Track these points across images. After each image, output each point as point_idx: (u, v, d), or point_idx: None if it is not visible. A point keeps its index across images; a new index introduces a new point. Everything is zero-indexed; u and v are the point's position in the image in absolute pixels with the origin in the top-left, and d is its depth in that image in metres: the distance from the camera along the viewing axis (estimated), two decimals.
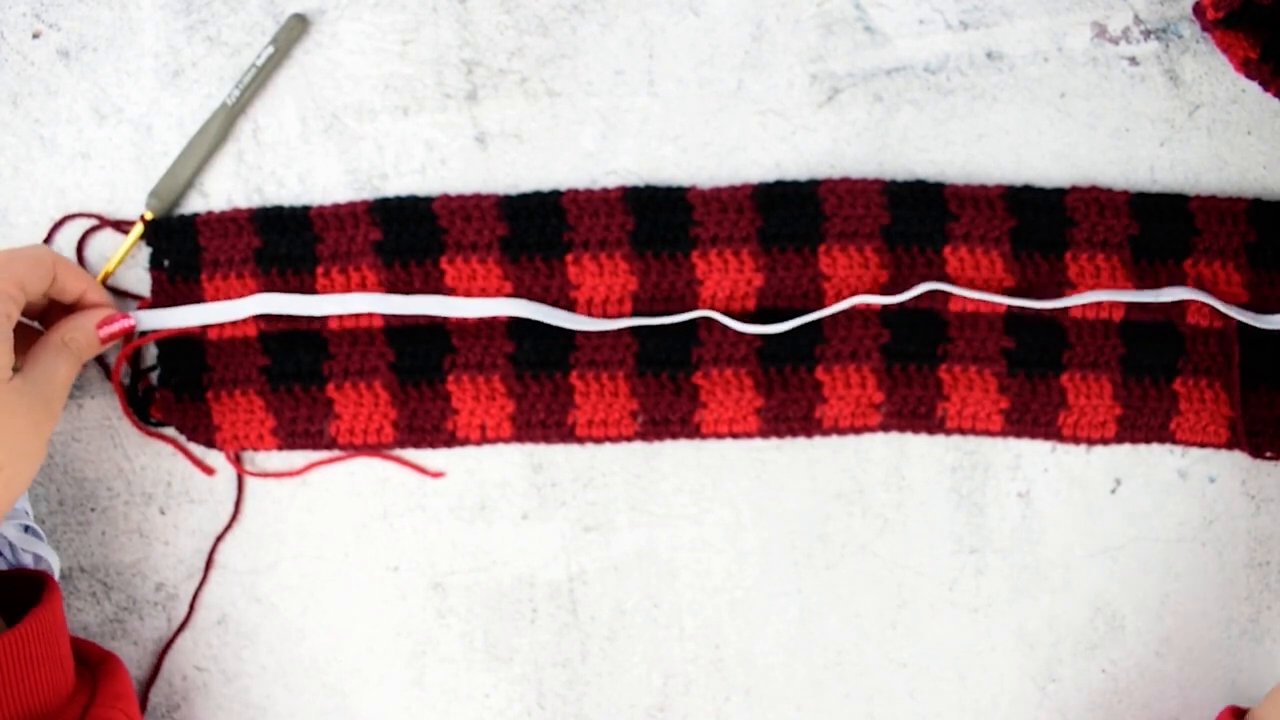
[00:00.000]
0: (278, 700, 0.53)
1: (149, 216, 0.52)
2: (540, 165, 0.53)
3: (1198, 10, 0.52)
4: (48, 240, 0.53)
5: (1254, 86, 0.53)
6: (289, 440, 0.52)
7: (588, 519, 0.53)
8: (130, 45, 0.53)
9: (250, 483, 0.53)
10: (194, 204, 0.53)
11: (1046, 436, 0.52)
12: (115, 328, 0.50)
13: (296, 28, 0.52)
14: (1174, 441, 0.52)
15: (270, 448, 0.52)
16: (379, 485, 0.53)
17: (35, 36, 0.53)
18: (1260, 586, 0.53)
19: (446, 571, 0.53)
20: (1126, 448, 0.53)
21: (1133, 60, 0.53)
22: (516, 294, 0.52)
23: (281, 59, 0.52)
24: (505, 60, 0.53)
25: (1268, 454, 0.52)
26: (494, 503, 0.53)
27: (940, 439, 0.53)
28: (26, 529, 0.51)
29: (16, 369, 0.47)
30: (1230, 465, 0.53)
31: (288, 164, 0.53)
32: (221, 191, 0.53)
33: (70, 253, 0.53)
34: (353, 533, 0.53)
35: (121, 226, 0.53)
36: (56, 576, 0.51)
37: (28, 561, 0.50)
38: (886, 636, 0.53)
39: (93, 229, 0.53)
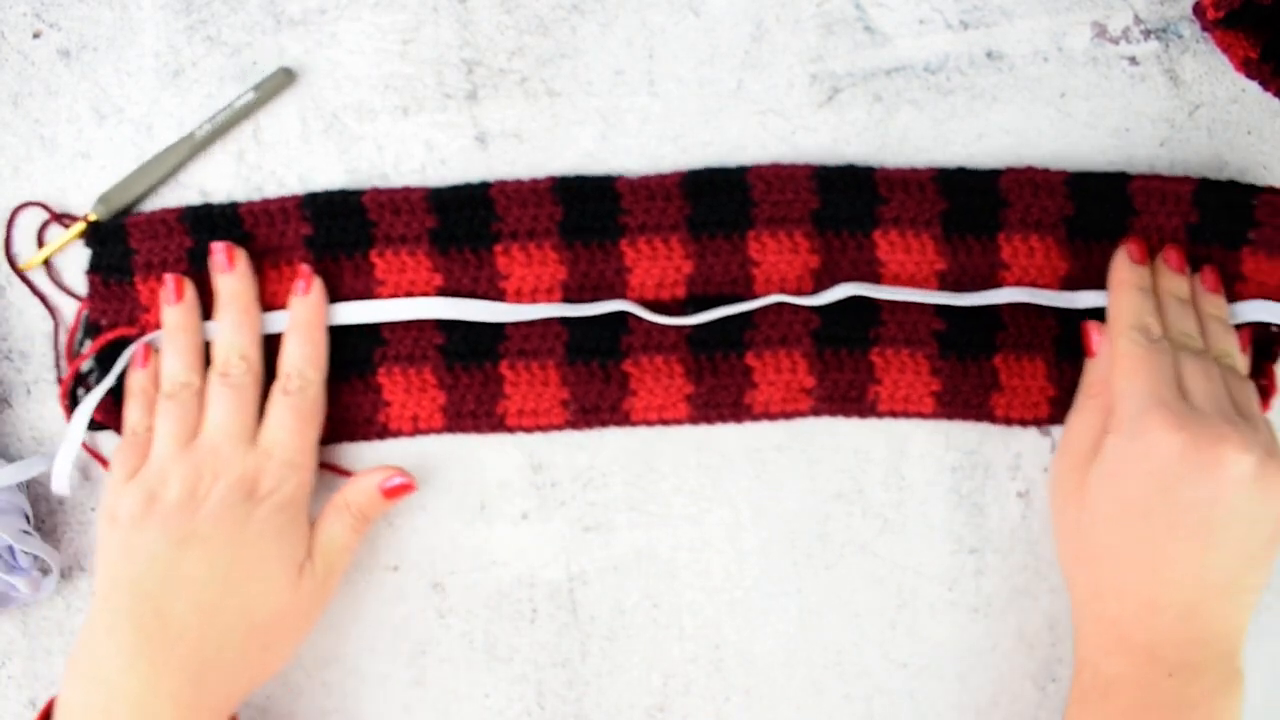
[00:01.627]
0: (278, 700, 0.53)
1: (93, 218, 0.52)
2: (540, 165, 0.53)
3: (1198, 10, 0.52)
4: (9, 225, 0.52)
5: (1254, 86, 0.53)
6: None
7: (588, 519, 0.53)
8: (130, 45, 0.53)
9: None
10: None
11: (979, 418, 0.52)
12: (396, 483, 0.50)
13: (282, 80, 0.52)
14: None
15: None
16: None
17: (35, 36, 0.53)
18: None
19: (446, 571, 0.53)
20: None
21: (1133, 60, 0.53)
22: (446, 286, 0.51)
23: (259, 106, 0.52)
24: (505, 60, 0.53)
25: None
26: (494, 503, 0.53)
27: (940, 439, 0.53)
28: (26, 532, 0.51)
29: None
30: None
31: (288, 164, 0.53)
32: (221, 191, 0.53)
33: (30, 242, 0.53)
34: None
35: (64, 220, 0.52)
36: (55, 580, 0.51)
37: (27, 563, 0.50)
38: (886, 636, 0.53)
39: (47, 221, 0.52)
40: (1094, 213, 0.51)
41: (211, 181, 0.53)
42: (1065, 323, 0.52)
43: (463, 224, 0.51)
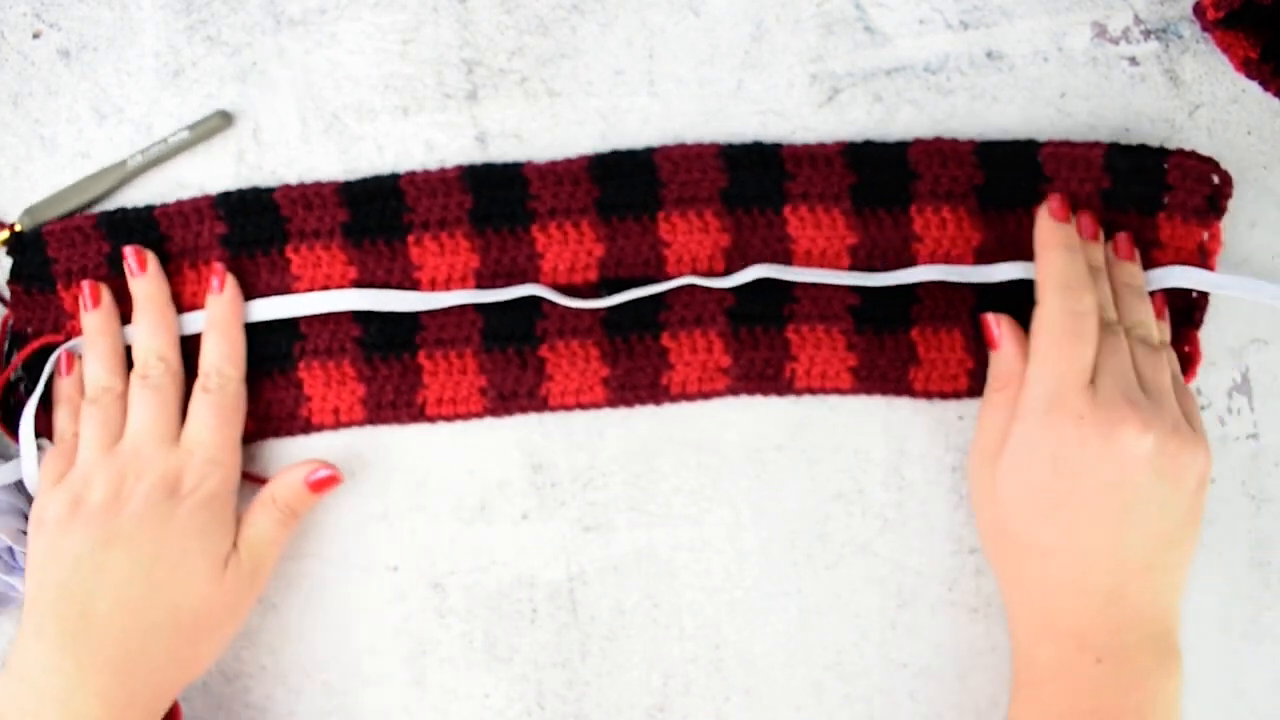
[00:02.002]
0: (278, 700, 0.53)
1: (17, 227, 0.52)
2: None
3: (1198, 10, 0.52)
4: None
5: (1254, 86, 0.53)
6: None
7: (588, 519, 0.53)
8: (130, 45, 0.53)
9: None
10: None
11: (897, 392, 0.52)
12: (321, 475, 0.51)
13: (219, 123, 0.52)
14: None
15: None
16: (379, 485, 0.53)
17: (35, 36, 0.53)
18: (1260, 586, 0.53)
19: (446, 571, 0.53)
20: None
21: (1133, 60, 0.53)
22: (361, 278, 0.52)
23: (192, 145, 0.52)
24: (505, 60, 0.53)
25: None
26: (494, 503, 0.53)
27: (940, 439, 0.53)
28: (24, 533, 0.51)
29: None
30: (1230, 465, 0.53)
31: (288, 164, 0.53)
32: (221, 191, 0.53)
33: None
34: (352, 533, 0.53)
35: None
36: None
37: (25, 566, 0.50)
38: (886, 636, 0.53)
39: None
40: (1005, 181, 0.51)
41: (212, 183, 0.53)
42: (981, 294, 0.51)
43: (374, 216, 0.52)
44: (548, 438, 0.53)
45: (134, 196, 0.53)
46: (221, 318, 0.51)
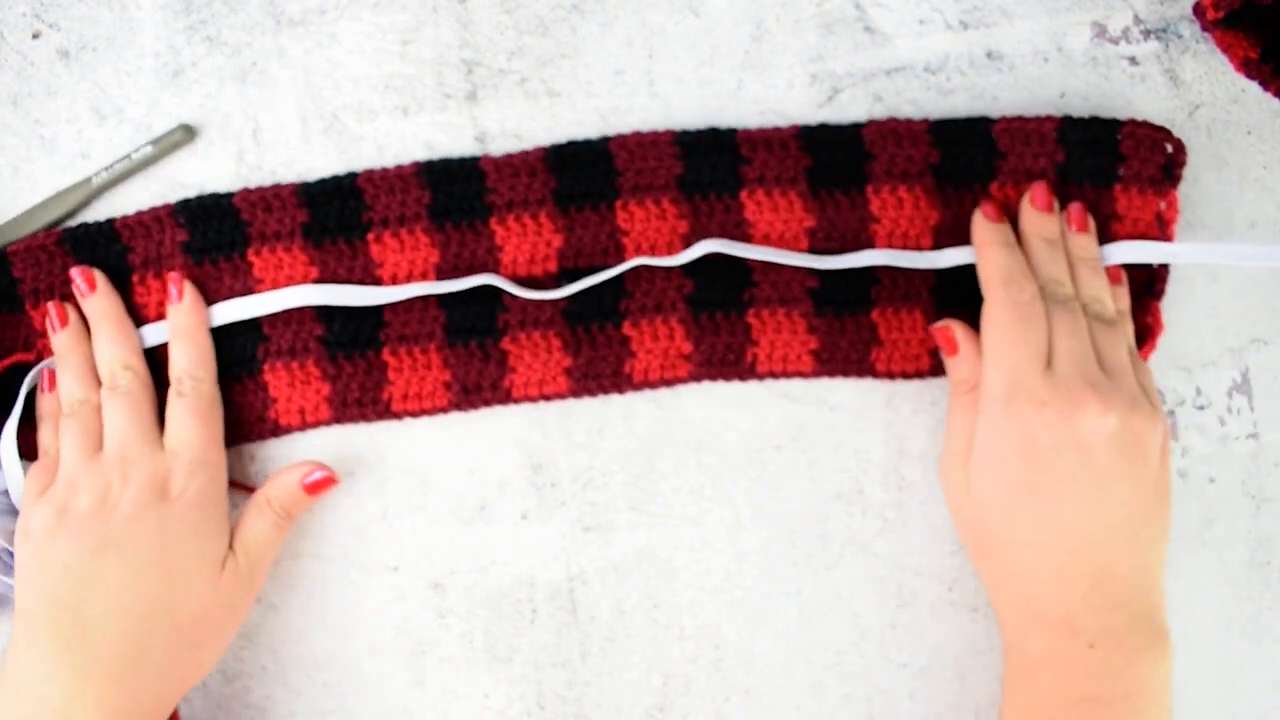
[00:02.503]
0: (278, 700, 0.53)
1: None
2: None
3: (1198, 10, 0.52)
4: None
5: (1254, 86, 0.53)
6: None
7: (588, 519, 0.53)
8: (130, 45, 0.53)
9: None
10: None
11: (860, 374, 0.52)
12: (317, 477, 0.51)
13: (181, 137, 0.52)
14: None
15: None
16: (379, 485, 0.53)
17: (35, 36, 0.53)
18: (1260, 586, 0.53)
19: (446, 571, 0.53)
20: None
21: (1133, 60, 0.53)
22: (322, 278, 0.52)
23: (156, 161, 0.52)
24: (505, 60, 0.53)
25: None
26: (494, 503, 0.53)
27: (940, 438, 0.53)
28: None
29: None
30: (1230, 465, 0.53)
31: (288, 164, 0.53)
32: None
33: None
34: (352, 533, 0.53)
35: None
36: None
37: (14, 577, 0.50)
38: (886, 636, 0.53)
39: None
40: (960, 159, 0.51)
41: (212, 183, 0.53)
42: (941, 273, 0.52)
43: (333, 216, 0.52)
44: (548, 438, 0.53)
45: (137, 199, 0.53)
46: (185, 325, 0.51)
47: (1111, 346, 0.48)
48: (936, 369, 0.52)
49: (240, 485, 0.52)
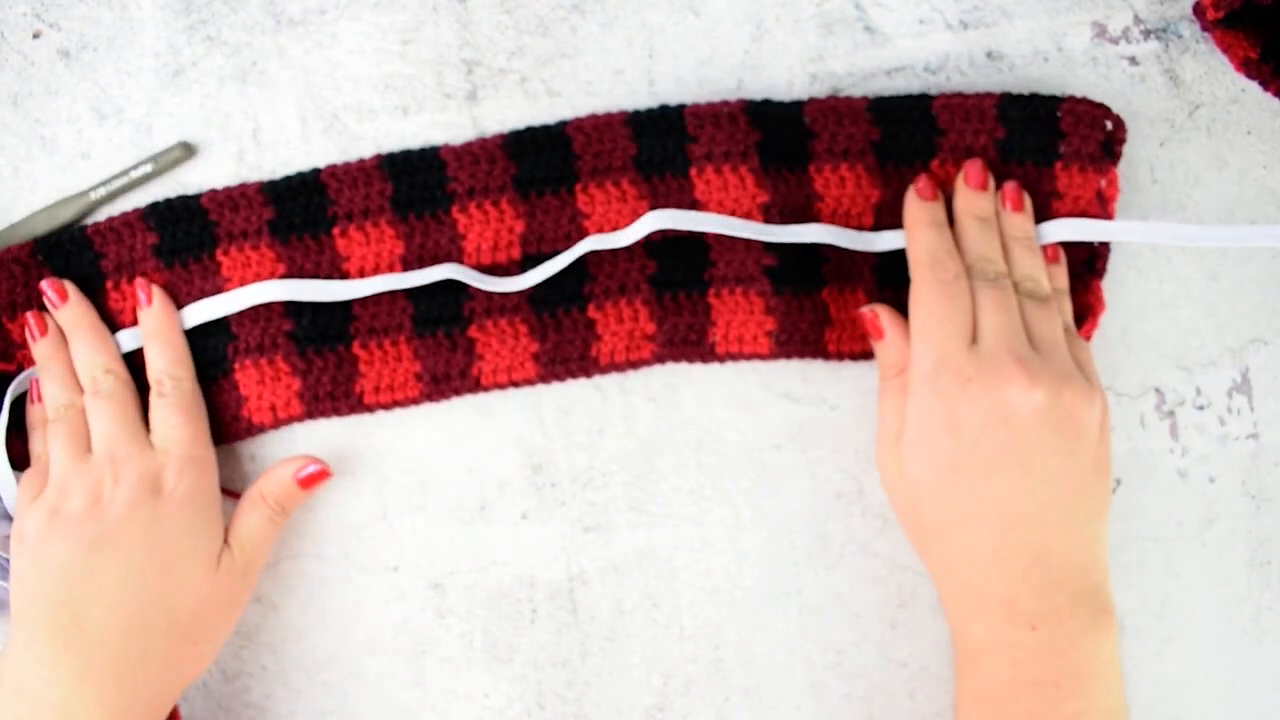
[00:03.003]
0: (278, 700, 0.53)
1: None
2: None
3: (1198, 10, 0.52)
4: None
5: (1254, 86, 0.52)
6: None
7: (588, 519, 0.53)
8: (130, 45, 0.53)
9: None
10: None
11: (815, 355, 0.52)
12: (311, 471, 0.51)
13: (180, 155, 0.52)
14: None
15: None
16: (379, 485, 0.53)
17: (35, 36, 0.53)
18: (1260, 586, 0.53)
19: (446, 571, 0.53)
20: (1124, 448, 0.53)
21: (1133, 60, 0.53)
22: (290, 275, 0.52)
23: (155, 178, 0.52)
24: (505, 60, 0.53)
25: None
26: (494, 503, 0.53)
27: None
28: None
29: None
30: (1230, 465, 0.53)
31: (288, 164, 0.53)
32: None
33: None
34: (352, 532, 0.53)
35: None
36: None
37: (10, 581, 0.50)
38: (886, 636, 0.53)
39: None
40: (900, 136, 0.51)
41: (212, 183, 0.53)
42: (884, 254, 0.51)
43: (299, 212, 0.52)
44: (548, 437, 0.53)
45: (135, 199, 0.53)
46: (158, 327, 0.51)
47: (1044, 323, 0.47)
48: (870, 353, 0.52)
49: (228, 492, 0.52)
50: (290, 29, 0.53)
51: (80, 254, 0.52)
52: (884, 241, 0.51)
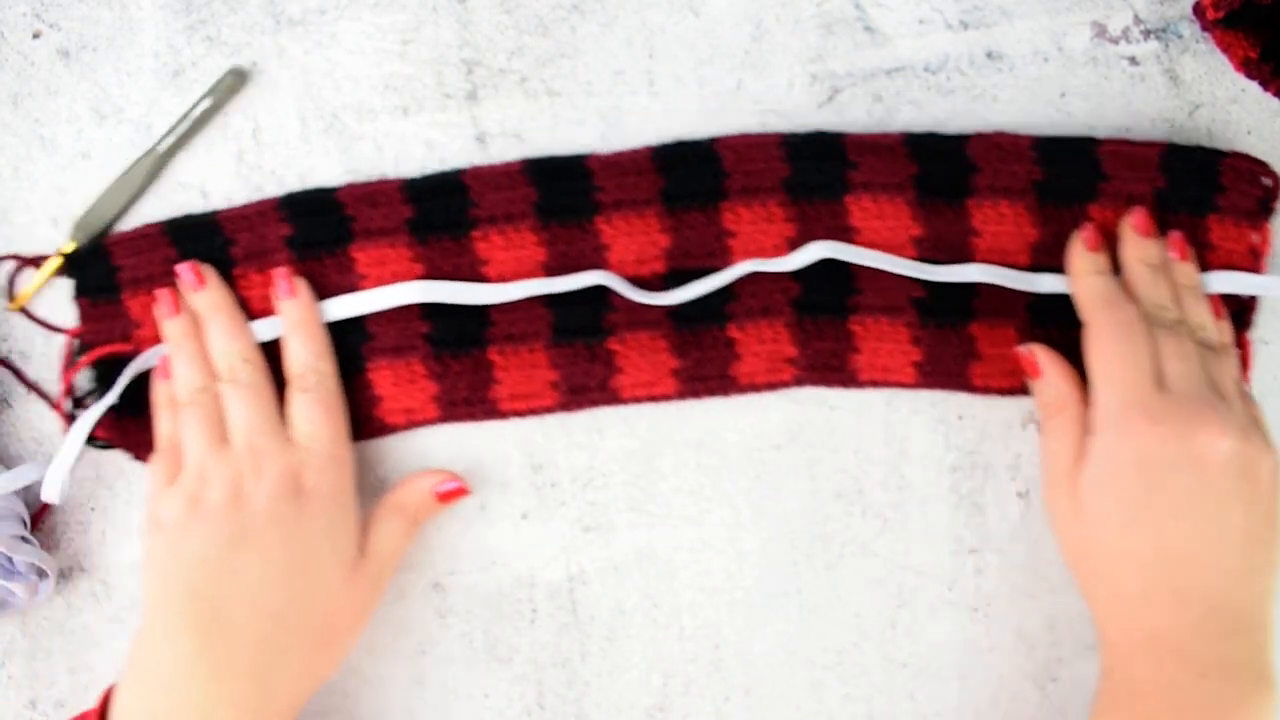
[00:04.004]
0: None
1: (71, 248, 0.52)
2: None
3: (1198, 10, 0.52)
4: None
5: (1254, 86, 0.53)
6: None
7: (588, 519, 0.53)
8: (130, 45, 0.53)
9: None
10: (194, 206, 0.53)
11: (958, 387, 0.52)
12: (450, 487, 0.51)
13: (234, 82, 0.52)
14: None
15: None
16: (379, 485, 0.53)
17: (35, 36, 0.53)
18: None
19: (446, 571, 0.53)
20: None
21: (1133, 60, 0.53)
22: (427, 275, 0.51)
23: (216, 112, 0.52)
24: (505, 60, 0.53)
25: None
26: (494, 503, 0.53)
27: (940, 439, 0.53)
28: (23, 539, 0.50)
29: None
30: None
31: (287, 164, 0.53)
32: (222, 192, 0.53)
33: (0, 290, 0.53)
34: None
35: (40, 262, 0.52)
36: (53, 585, 0.51)
37: (25, 568, 0.50)
38: (886, 636, 0.53)
39: (19, 268, 0.52)
40: (1063, 178, 0.51)
41: (211, 183, 0.53)
42: (1039, 292, 0.51)
43: (439, 212, 0.51)
44: (548, 437, 0.53)
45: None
46: (301, 318, 0.50)
47: (1221, 373, 0.48)
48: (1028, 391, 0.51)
49: None
50: (290, 29, 0.53)
51: (210, 239, 0.51)
52: (1045, 284, 0.51)
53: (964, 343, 0.51)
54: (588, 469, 0.53)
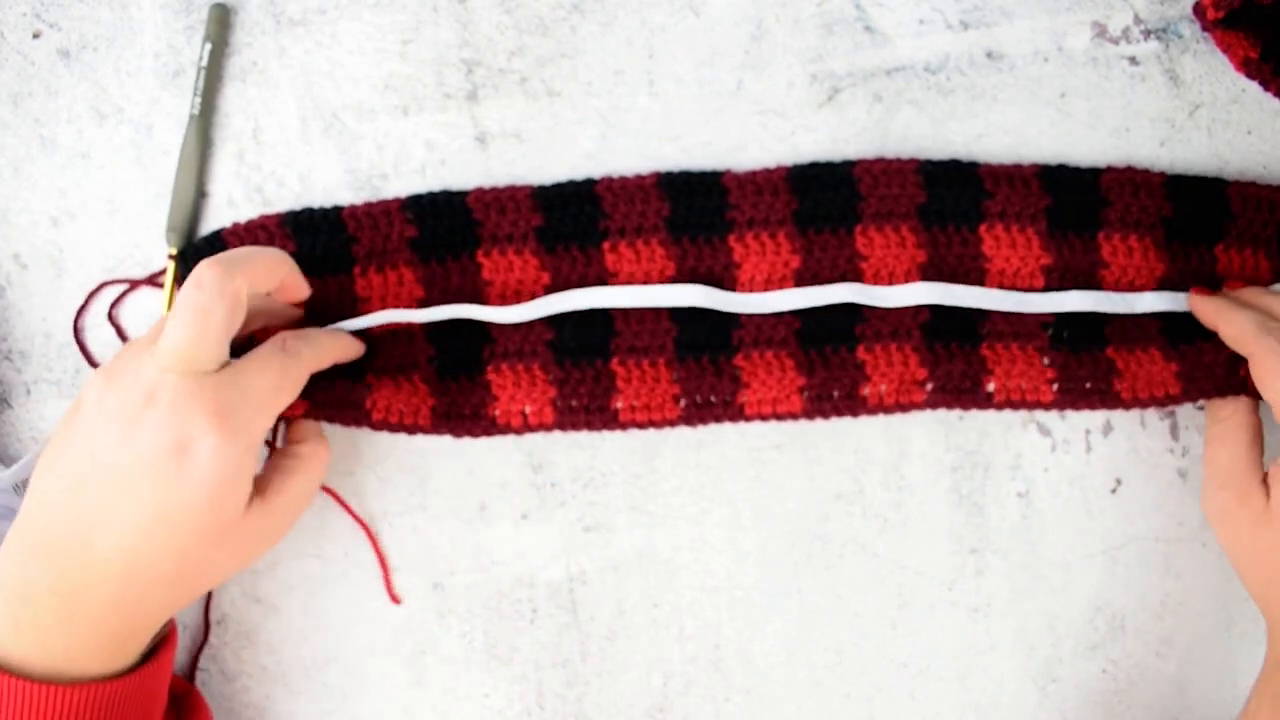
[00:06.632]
0: (277, 700, 0.53)
1: (173, 253, 0.52)
2: (540, 165, 0.53)
3: (1198, 10, 0.52)
4: (82, 310, 0.52)
5: (1254, 86, 0.53)
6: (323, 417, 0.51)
7: (588, 519, 0.53)
8: (130, 45, 0.53)
9: None
10: (194, 206, 0.53)
11: (1104, 405, 0.52)
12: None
13: (221, 17, 0.52)
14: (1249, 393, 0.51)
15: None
16: (379, 485, 0.53)
17: (35, 36, 0.53)
18: None
19: (446, 571, 0.53)
20: (1125, 448, 0.53)
21: (1133, 60, 0.53)
22: (554, 284, 0.51)
23: (221, 52, 0.52)
24: (505, 60, 0.53)
25: None
26: (494, 503, 0.53)
27: (940, 439, 0.53)
28: None
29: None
30: None
31: (288, 164, 0.53)
32: (222, 192, 0.53)
33: (103, 319, 0.53)
34: (353, 533, 0.53)
35: (155, 280, 0.52)
36: None
37: None
38: (886, 636, 0.53)
39: (124, 293, 0.52)
40: (1191, 215, 0.52)
41: (211, 182, 0.53)
42: (1167, 315, 0.51)
43: (569, 221, 0.51)
44: (548, 438, 0.53)
45: (124, 196, 0.53)
46: (331, 334, 0.49)
47: None
48: (1188, 393, 0.51)
49: (332, 493, 0.51)
50: (290, 29, 0.53)
51: (332, 234, 0.51)
52: (1144, 303, 0.51)
53: (1099, 363, 0.51)
54: (588, 469, 0.53)
